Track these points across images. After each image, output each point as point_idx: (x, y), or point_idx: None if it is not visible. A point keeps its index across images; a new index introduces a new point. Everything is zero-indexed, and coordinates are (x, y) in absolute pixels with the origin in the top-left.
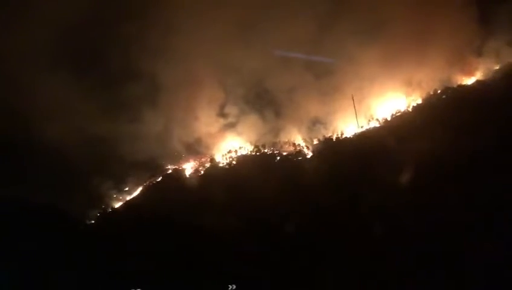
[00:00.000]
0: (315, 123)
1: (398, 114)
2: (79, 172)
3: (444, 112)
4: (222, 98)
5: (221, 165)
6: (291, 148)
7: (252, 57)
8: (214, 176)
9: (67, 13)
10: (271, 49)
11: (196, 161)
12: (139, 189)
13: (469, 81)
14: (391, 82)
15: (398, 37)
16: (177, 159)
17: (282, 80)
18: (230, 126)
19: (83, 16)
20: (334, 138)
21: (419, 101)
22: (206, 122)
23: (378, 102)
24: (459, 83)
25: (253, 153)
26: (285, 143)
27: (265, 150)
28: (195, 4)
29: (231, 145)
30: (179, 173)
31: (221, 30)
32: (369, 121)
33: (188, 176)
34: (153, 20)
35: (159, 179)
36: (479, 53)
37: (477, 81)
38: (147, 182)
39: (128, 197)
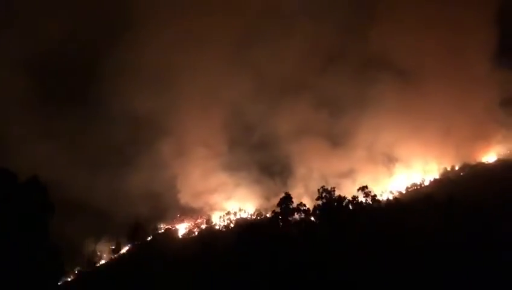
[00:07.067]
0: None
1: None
2: None
3: (462, 189)
4: (221, 155)
5: (217, 227)
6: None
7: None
8: (209, 238)
9: None
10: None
11: (191, 222)
12: (126, 248)
13: (490, 159)
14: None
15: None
16: (171, 218)
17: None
18: (233, 188)
19: None
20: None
21: (436, 176)
22: (205, 181)
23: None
24: (478, 160)
25: (253, 217)
26: (294, 209)
27: (267, 214)
28: None
29: (230, 207)
30: (171, 233)
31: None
32: (382, 193)
33: (180, 236)
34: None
35: (150, 238)
36: (502, 133)
37: (498, 160)
38: (136, 241)
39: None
